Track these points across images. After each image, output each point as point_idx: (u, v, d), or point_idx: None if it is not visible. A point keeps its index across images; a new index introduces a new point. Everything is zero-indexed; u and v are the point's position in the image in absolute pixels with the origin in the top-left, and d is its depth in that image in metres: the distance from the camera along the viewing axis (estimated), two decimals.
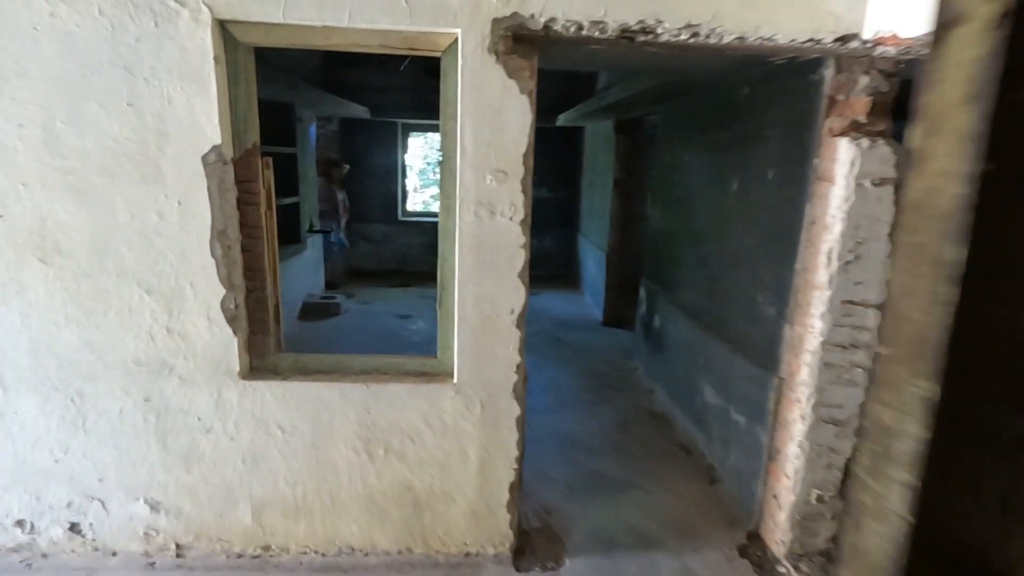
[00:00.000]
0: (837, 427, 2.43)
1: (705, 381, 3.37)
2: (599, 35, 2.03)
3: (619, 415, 3.95)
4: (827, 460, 2.46)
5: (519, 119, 2.07)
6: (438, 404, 2.31)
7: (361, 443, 2.33)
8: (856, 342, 2.34)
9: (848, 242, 2.23)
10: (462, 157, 2.09)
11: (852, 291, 2.28)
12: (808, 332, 2.40)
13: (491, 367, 2.29)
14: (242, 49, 2.02)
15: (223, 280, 2.14)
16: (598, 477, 3.16)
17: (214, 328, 2.18)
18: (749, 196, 2.91)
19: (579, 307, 6.82)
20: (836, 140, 2.27)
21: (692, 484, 3.14)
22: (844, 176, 2.21)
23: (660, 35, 2.04)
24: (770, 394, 2.64)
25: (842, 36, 2.06)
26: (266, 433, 2.30)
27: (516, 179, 2.12)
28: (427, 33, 2.01)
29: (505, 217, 2.15)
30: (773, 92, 2.68)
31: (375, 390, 2.28)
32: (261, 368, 2.31)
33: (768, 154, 2.72)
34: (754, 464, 2.77)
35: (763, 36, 2.04)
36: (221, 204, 2.08)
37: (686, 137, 3.82)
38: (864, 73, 2.26)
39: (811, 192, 2.39)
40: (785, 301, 2.55)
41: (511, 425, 2.35)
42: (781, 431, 2.59)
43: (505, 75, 2.03)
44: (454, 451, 2.36)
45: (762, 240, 2.76)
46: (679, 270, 3.87)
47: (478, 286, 2.21)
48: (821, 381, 2.38)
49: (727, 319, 3.11)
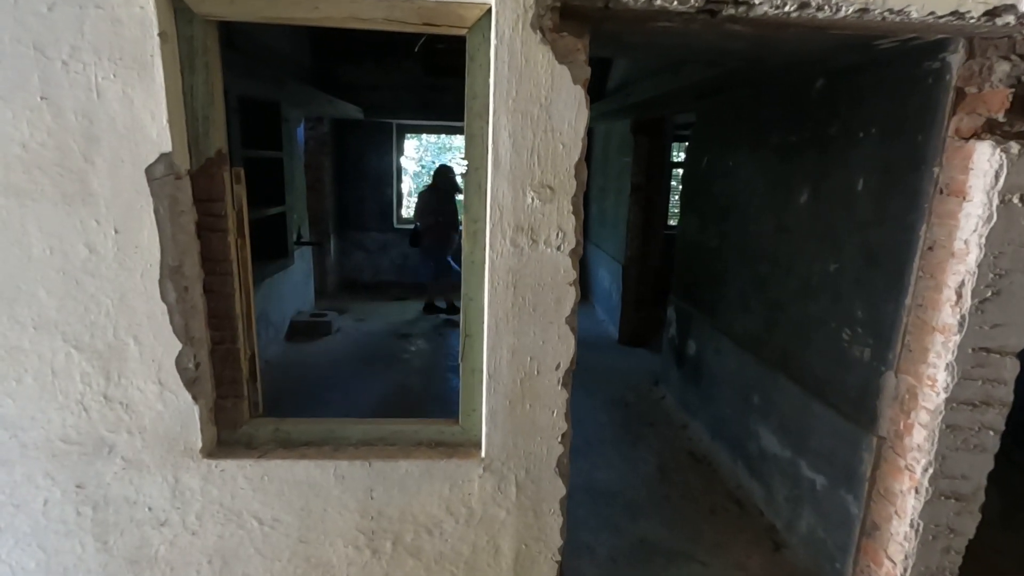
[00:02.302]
0: (959, 503, 1.95)
1: (763, 425, 2.87)
2: (677, 7, 1.53)
3: (656, 458, 3.44)
4: (945, 543, 1.98)
5: (572, 117, 1.56)
6: (462, 485, 1.79)
7: (364, 537, 1.81)
8: (989, 399, 1.86)
9: (987, 274, 1.75)
10: (495, 167, 1.58)
11: (988, 336, 1.80)
12: (926, 385, 1.91)
13: (530, 437, 1.78)
14: (199, 23, 1.50)
15: (178, 332, 1.61)
16: (645, 545, 2.65)
17: (167, 394, 1.65)
18: (828, 211, 2.41)
19: (592, 323, 6.32)
20: (968, 144, 1.78)
21: (754, 552, 2.64)
22: (984, 190, 1.72)
23: (756, 5, 1.54)
24: (864, 455, 2.15)
25: (994, 8, 1.56)
26: (239, 526, 1.77)
27: (566, 196, 1.61)
28: (449, 3, 1.49)
29: (551, 246, 1.64)
30: (867, 84, 2.19)
31: (380, 469, 1.76)
32: (232, 442, 1.78)
33: (858, 160, 2.23)
34: (840, 537, 2.28)
35: (892, 8, 1.55)
36: (173, 232, 1.56)
37: (733, 138, 3.33)
38: (1003, 58, 1.78)
39: (929, 209, 1.90)
40: (887, 343, 2.06)
41: (554, 509, 1.84)
42: (882, 503, 2.10)
43: (554, 59, 1.52)
44: (483, 544, 1.85)
45: (850, 265, 2.26)
46: (724, 290, 3.37)
47: (515, 335, 1.70)
48: (942, 447, 1.89)
49: (797, 355, 2.62)
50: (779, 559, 2.61)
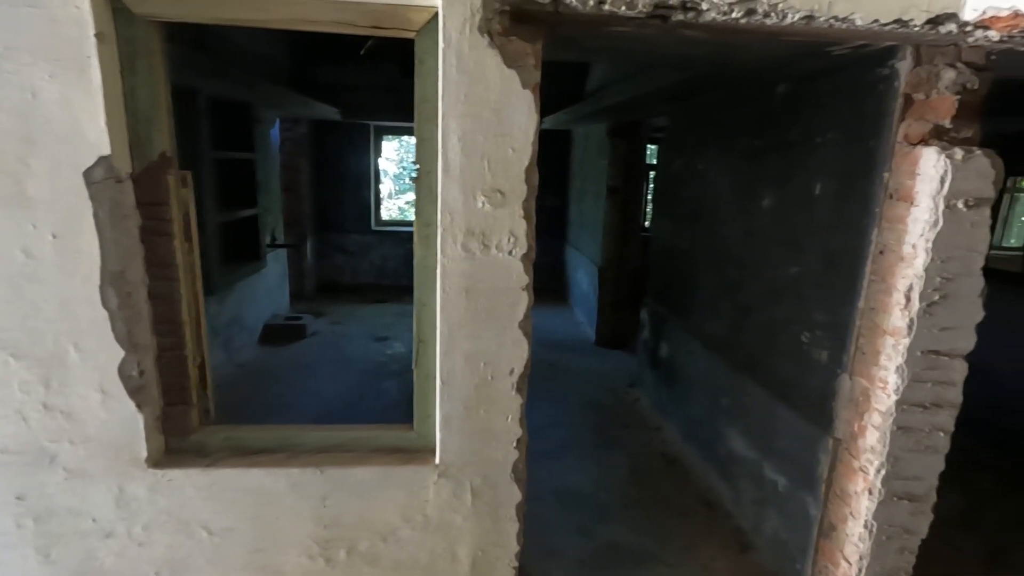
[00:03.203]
0: (912, 503, 1.97)
1: (731, 427, 2.89)
2: (626, 12, 1.53)
3: (629, 461, 3.45)
4: (899, 543, 2.00)
5: (522, 121, 1.56)
6: (418, 492, 1.78)
7: (318, 546, 1.78)
8: (940, 401, 1.88)
9: (934, 278, 1.77)
10: (445, 172, 1.57)
11: (937, 339, 1.82)
12: (878, 387, 1.93)
13: (485, 443, 1.77)
14: (140, 24, 1.47)
15: (121, 338, 1.58)
16: (614, 549, 2.65)
17: (110, 402, 1.61)
18: (790, 215, 2.44)
19: (570, 325, 6.33)
20: (915, 150, 1.81)
21: (722, 554, 2.65)
22: (930, 195, 1.74)
23: (705, 12, 1.55)
24: (821, 457, 2.17)
25: (936, 16, 1.59)
26: (188, 536, 1.74)
27: (517, 201, 1.60)
28: (397, 6, 1.48)
29: (503, 251, 1.63)
30: (826, 90, 2.21)
31: (334, 476, 1.74)
32: (181, 450, 1.75)
33: (817, 165, 2.25)
34: (800, 538, 2.30)
35: (837, 16, 1.57)
36: (115, 236, 1.52)
37: (703, 142, 3.35)
38: (949, 66, 1.81)
39: (880, 213, 1.92)
40: (842, 345, 2.08)
41: (511, 514, 1.83)
42: (838, 504, 2.12)
43: (503, 63, 1.51)
44: (439, 551, 1.83)
45: (810, 269, 2.29)
46: (695, 294, 3.39)
47: (469, 340, 1.69)
48: (894, 448, 1.91)
49: (762, 358, 2.64)
50: (745, 561, 2.62)
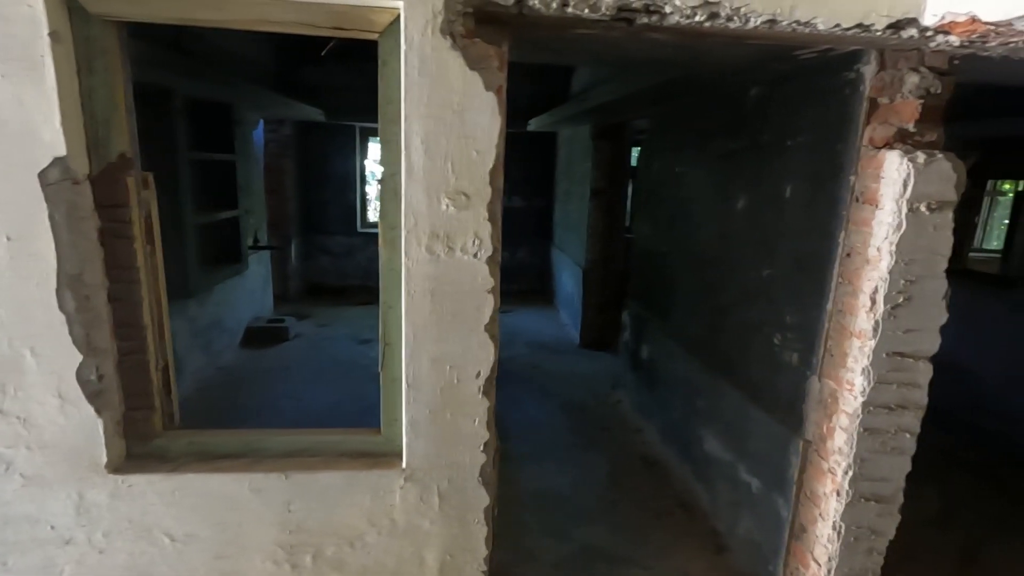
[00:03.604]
0: (879, 504, 1.98)
1: (707, 429, 2.90)
2: (590, 15, 1.53)
3: (609, 463, 3.45)
4: (867, 544, 2.01)
5: (485, 124, 1.55)
6: (384, 496, 1.76)
7: (283, 551, 1.77)
8: (905, 402, 1.89)
9: (898, 281, 1.79)
10: (408, 174, 1.56)
11: (902, 340, 1.84)
12: (845, 389, 1.94)
13: (452, 446, 1.76)
14: (96, 24, 1.45)
15: (79, 342, 1.55)
16: (590, 551, 2.65)
17: (68, 408, 1.58)
18: (762, 217, 2.45)
19: (555, 326, 6.33)
20: (881, 153, 1.82)
21: (697, 556, 2.65)
22: (893, 198, 1.76)
23: (668, 15, 1.55)
24: (792, 458, 2.18)
25: (896, 21, 1.60)
26: (150, 543, 1.71)
27: (482, 203, 1.60)
28: (359, 7, 1.47)
29: (468, 254, 1.62)
30: (795, 94, 2.23)
31: (299, 482, 1.72)
32: (143, 456, 1.73)
33: (788, 168, 2.26)
34: (772, 540, 2.31)
35: (799, 20, 1.57)
36: (73, 239, 1.50)
37: (682, 145, 3.37)
38: (913, 70, 1.83)
39: (847, 217, 1.94)
40: (811, 347, 2.10)
41: (479, 519, 1.82)
42: (808, 506, 2.13)
43: (465, 65, 1.51)
44: (407, 555, 1.82)
45: (782, 271, 2.30)
46: (674, 296, 3.40)
47: (434, 344, 1.68)
48: (861, 450, 1.92)
49: (737, 360, 2.65)
50: (720, 563, 2.63)
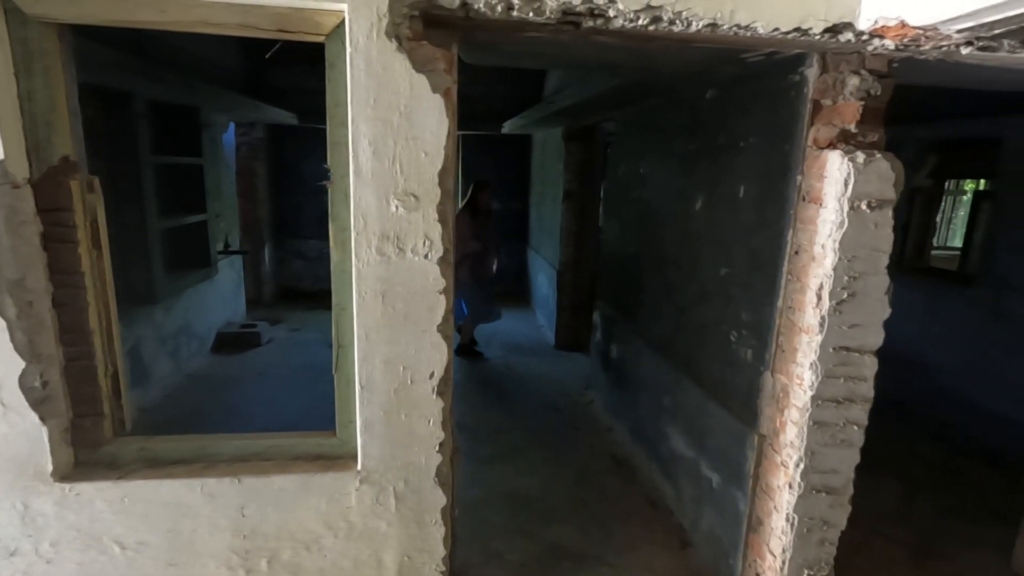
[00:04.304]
0: (830, 496, 2.03)
1: (672, 427, 2.94)
2: (535, 18, 1.56)
3: (579, 463, 3.47)
4: (820, 535, 2.06)
5: (433, 126, 1.57)
6: (340, 499, 1.76)
7: (237, 557, 1.75)
8: (852, 395, 1.95)
9: (842, 277, 1.84)
10: (357, 176, 1.56)
11: (847, 335, 1.89)
12: (795, 384, 1.99)
13: (407, 447, 1.76)
14: (34, 26, 1.43)
15: (21, 349, 1.53)
16: (557, 550, 2.66)
17: (11, 415, 1.56)
18: (719, 217, 2.50)
19: (531, 328, 6.35)
20: (824, 153, 1.88)
21: (662, 552, 2.69)
22: (836, 197, 1.81)
23: (613, 19, 1.58)
24: (748, 453, 2.22)
25: (833, 25, 1.66)
26: (100, 552, 1.69)
27: (431, 204, 1.61)
28: (303, 10, 1.48)
29: (419, 255, 1.63)
30: (746, 96, 2.28)
31: (252, 486, 1.71)
32: (91, 463, 1.70)
33: (741, 169, 2.32)
34: (732, 533, 2.35)
35: (739, 24, 1.62)
36: (13, 243, 1.48)
37: (645, 147, 3.41)
38: (854, 73, 1.88)
39: (794, 215, 1.99)
40: (764, 344, 2.14)
41: (436, 519, 1.83)
42: (763, 499, 2.17)
43: (412, 68, 1.52)
44: (364, 558, 1.81)
45: (736, 269, 2.35)
46: (641, 296, 3.44)
47: (387, 345, 1.68)
48: (812, 443, 1.97)
49: (698, 358, 2.69)
50: (684, 558, 2.66)
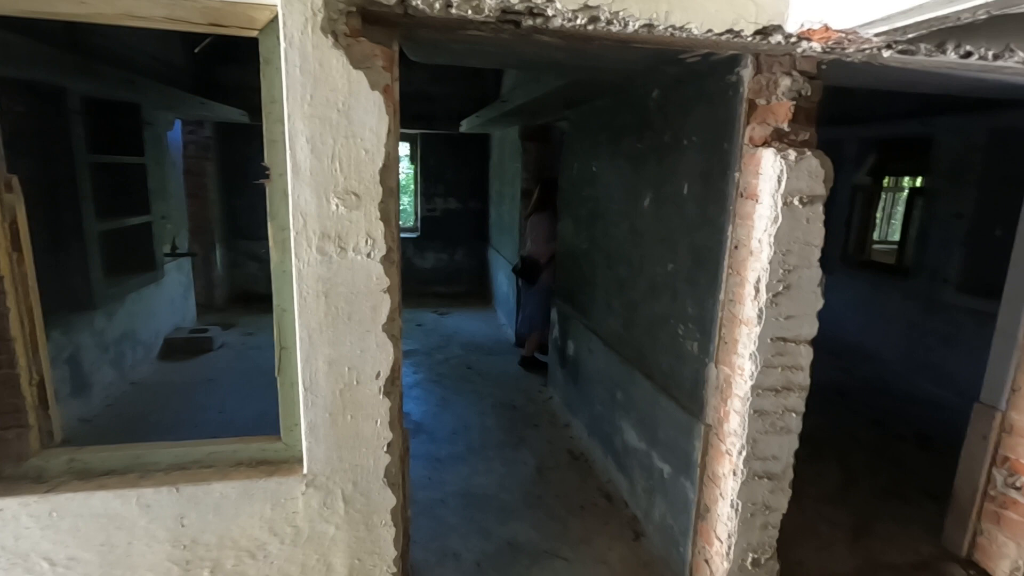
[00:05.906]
0: (771, 481, 2.11)
1: (625, 420, 3.00)
2: (474, 16, 1.56)
3: (536, 459, 3.50)
4: (763, 519, 2.14)
5: (373, 123, 1.55)
6: (285, 504, 1.72)
7: (178, 568, 1.69)
8: (790, 384, 2.03)
9: (777, 270, 1.92)
10: (295, 174, 1.53)
11: (783, 326, 1.97)
12: (737, 374, 2.06)
13: (354, 449, 1.74)
14: None
15: None
16: (512, 547, 2.68)
17: None
18: (665, 214, 2.56)
19: (492, 327, 6.36)
20: (759, 151, 1.95)
21: (616, 543, 2.74)
22: (770, 193, 1.89)
23: (552, 18, 1.60)
24: (696, 442, 2.29)
25: (763, 28, 1.72)
26: (27, 570, 1.60)
27: (372, 203, 1.59)
28: (234, 4, 1.44)
29: (360, 254, 1.61)
30: (689, 96, 2.34)
31: (191, 494, 1.66)
32: (16, 477, 1.61)
33: (685, 167, 2.38)
34: (682, 522, 2.41)
35: (675, 25, 1.66)
36: None
37: (596, 146, 3.47)
38: (786, 74, 1.96)
39: (734, 212, 2.06)
40: (708, 336, 2.21)
41: (386, 520, 1.81)
42: (710, 486, 2.24)
43: (349, 64, 1.50)
44: (312, 563, 1.78)
45: (681, 265, 2.41)
46: (594, 292, 3.50)
47: (331, 346, 1.66)
48: (753, 431, 2.04)
49: (647, 352, 2.76)
50: (637, 548, 2.72)
